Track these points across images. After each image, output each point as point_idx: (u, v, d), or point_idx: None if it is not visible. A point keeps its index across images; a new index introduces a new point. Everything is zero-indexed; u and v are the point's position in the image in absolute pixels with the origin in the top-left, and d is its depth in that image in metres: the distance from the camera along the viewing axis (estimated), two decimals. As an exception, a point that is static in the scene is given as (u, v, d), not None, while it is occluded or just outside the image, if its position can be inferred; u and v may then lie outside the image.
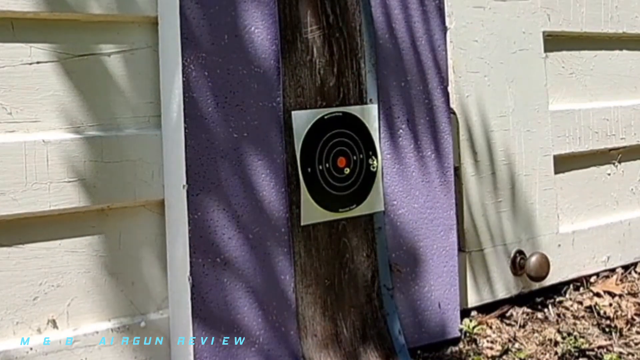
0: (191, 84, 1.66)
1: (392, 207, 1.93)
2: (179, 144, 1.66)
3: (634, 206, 2.58)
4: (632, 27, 2.55)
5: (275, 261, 1.76)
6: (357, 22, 1.88)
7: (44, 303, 1.61)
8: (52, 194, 1.59)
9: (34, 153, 1.57)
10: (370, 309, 1.87)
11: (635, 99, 2.59)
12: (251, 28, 1.74)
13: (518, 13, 2.25)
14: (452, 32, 2.11)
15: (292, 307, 1.78)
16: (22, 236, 1.59)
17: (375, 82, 1.90)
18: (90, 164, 1.63)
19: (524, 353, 1.99)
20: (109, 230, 1.68)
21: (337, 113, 1.84)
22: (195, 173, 1.66)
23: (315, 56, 1.82)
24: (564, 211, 2.38)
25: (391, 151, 1.93)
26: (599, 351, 2.02)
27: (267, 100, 1.76)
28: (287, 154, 1.78)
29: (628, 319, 2.21)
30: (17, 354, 1.55)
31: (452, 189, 2.03)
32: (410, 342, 1.92)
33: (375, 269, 1.88)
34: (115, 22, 1.68)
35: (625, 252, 2.51)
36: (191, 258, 1.65)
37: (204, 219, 1.67)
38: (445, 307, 2.00)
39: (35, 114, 1.59)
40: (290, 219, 1.78)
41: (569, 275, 2.36)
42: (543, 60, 2.31)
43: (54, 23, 1.61)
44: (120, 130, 1.68)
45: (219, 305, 1.68)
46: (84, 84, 1.65)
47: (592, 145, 2.44)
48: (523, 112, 2.25)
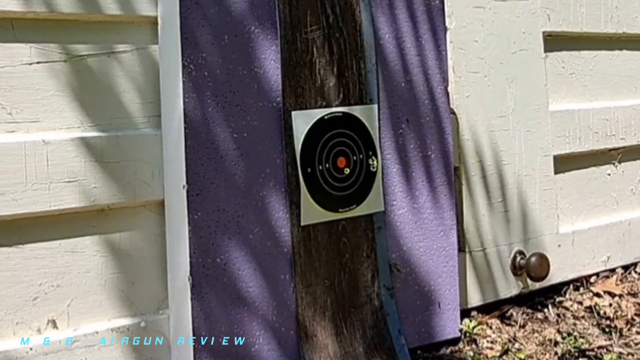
0: (191, 84, 1.66)
1: (392, 207, 1.93)
2: (179, 144, 1.66)
3: (634, 206, 2.57)
4: (632, 27, 2.55)
5: (275, 261, 1.76)
6: (357, 22, 1.87)
7: (44, 303, 1.61)
8: (52, 194, 1.58)
9: (34, 153, 1.57)
10: (370, 309, 1.87)
11: (635, 99, 2.59)
12: (251, 28, 1.74)
13: (518, 13, 2.25)
14: (452, 32, 2.11)
15: (292, 307, 1.78)
16: (22, 236, 1.59)
17: (375, 82, 1.90)
18: (90, 164, 1.63)
19: (524, 353, 1.99)
20: (109, 230, 1.68)
21: (337, 113, 1.84)
22: (195, 173, 1.66)
23: (315, 56, 1.82)
24: (564, 211, 2.38)
25: (391, 151, 1.93)
26: (599, 351, 2.02)
27: (267, 100, 1.76)
28: (287, 154, 1.78)
29: (628, 319, 2.21)
30: (17, 354, 1.55)
31: (452, 189, 2.03)
32: (410, 342, 1.92)
33: (375, 269, 1.88)
34: (115, 22, 1.68)
35: (625, 252, 2.51)
36: (191, 258, 1.65)
37: (204, 219, 1.67)
38: (445, 307, 2.00)
39: (35, 114, 1.59)
40: (290, 219, 1.78)
41: (569, 275, 2.36)
42: (543, 60, 2.30)
43: (54, 23, 1.61)
44: (120, 130, 1.68)
45: (219, 305, 1.68)
46: (84, 84, 1.65)
47: (592, 145, 2.44)
48: (523, 112, 2.25)
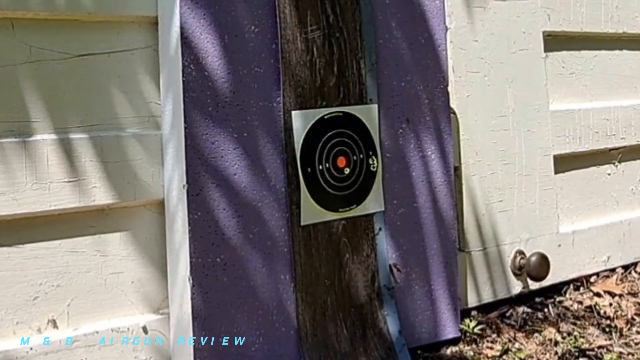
0: (191, 84, 1.66)
1: (392, 207, 1.93)
2: (179, 144, 1.66)
3: (634, 206, 2.57)
4: (632, 27, 2.55)
5: (275, 261, 1.76)
6: (357, 22, 1.87)
7: (44, 303, 1.61)
8: (52, 194, 1.59)
9: (34, 153, 1.57)
10: (370, 309, 1.87)
11: (635, 99, 2.59)
12: (251, 28, 1.74)
13: (518, 13, 2.25)
14: (452, 32, 2.11)
15: (292, 307, 1.78)
16: (22, 236, 1.59)
17: (375, 82, 1.90)
18: (90, 164, 1.63)
19: (524, 353, 1.99)
20: (109, 230, 1.68)
21: (337, 113, 1.84)
22: (195, 173, 1.66)
23: (315, 56, 1.82)
24: (564, 211, 2.38)
25: (391, 151, 1.93)
26: (599, 351, 2.02)
27: (267, 100, 1.76)
28: (287, 154, 1.78)
29: (628, 319, 2.21)
30: (17, 354, 1.55)
31: (452, 189, 2.03)
32: (410, 342, 1.92)
33: (375, 269, 1.88)
34: (115, 22, 1.68)
35: (625, 252, 2.51)
36: (191, 258, 1.65)
37: (204, 219, 1.67)
38: (445, 307, 2.00)
39: (36, 114, 1.59)
40: (290, 219, 1.78)
41: (569, 275, 2.36)
42: (543, 60, 2.30)
43: (54, 23, 1.61)
44: (120, 130, 1.68)
45: (219, 305, 1.68)
46: (84, 84, 1.65)
47: (592, 145, 2.44)
48: (523, 112, 2.25)
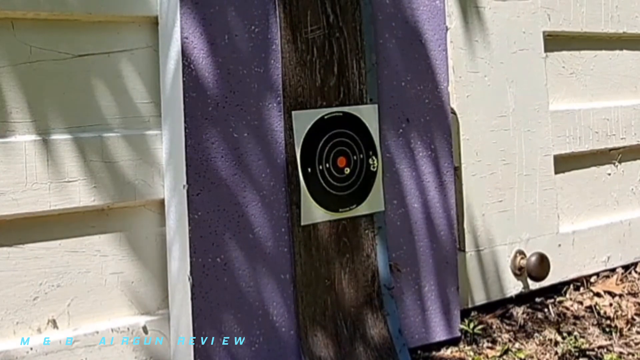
0: (191, 83, 1.66)
1: (392, 206, 1.93)
2: (179, 144, 1.66)
3: (634, 206, 2.57)
4: (632, 27, 2.55)
5: (275, 261, 1.76)
6: (357, 22, 1.87)
7: (44, 303, 1.61)
8: (52, 194, 1.59)
9: (34, 153, 1.57)
10: (370, 309, 1.87)
11: (635, 99, 2.59)
12: (251, 28, 1.74)
13: (518, 13, 2.25)
14: (452, 32, 2.11)
15: (292, 307, 1.78)
16: (22, 236, 1.59)
17: (375, 82, 1.90)
18: (90, 164, 1.63)
19: (524, 353, 1.99)
20: (109, 230, 1.68)
21: (337, 113, 1.84)
22: (195, 173, 1.66)
23: (315, 56, 1.82)
24: (564, 211, 2.38)
25: (391, 151, 1.93)
26: (599, 351, 2.02)
27: (267, 100, 1.76)
28: (287, 154, 1.78)
29: (628, 319, 2.21)
30: (17, 354, 1.55)
31: (452, 189, 2.03)
32: (410, 342, 1.92)
33: (375, 269, 1.88)
34: (115, 22, 1.68)
35: (625, 252, 2.51)
36: (191, 258, 1.65)
37: (204, 219, 1.67)
38: (445, 307, 2.00)
39: (35, 114, 1.59)
40: (290, 219, 1.78)
41: (569, 275, 2.36)
42: (543, 60, 2.30)
43: (54, 23, 1.61)
44: (120, 130, 1.68)
45: (219, 305, 1.68)
46: (84, 84, 1.65)
47: (592, 145, 2.44)
48: (523, 112, 2.25)
